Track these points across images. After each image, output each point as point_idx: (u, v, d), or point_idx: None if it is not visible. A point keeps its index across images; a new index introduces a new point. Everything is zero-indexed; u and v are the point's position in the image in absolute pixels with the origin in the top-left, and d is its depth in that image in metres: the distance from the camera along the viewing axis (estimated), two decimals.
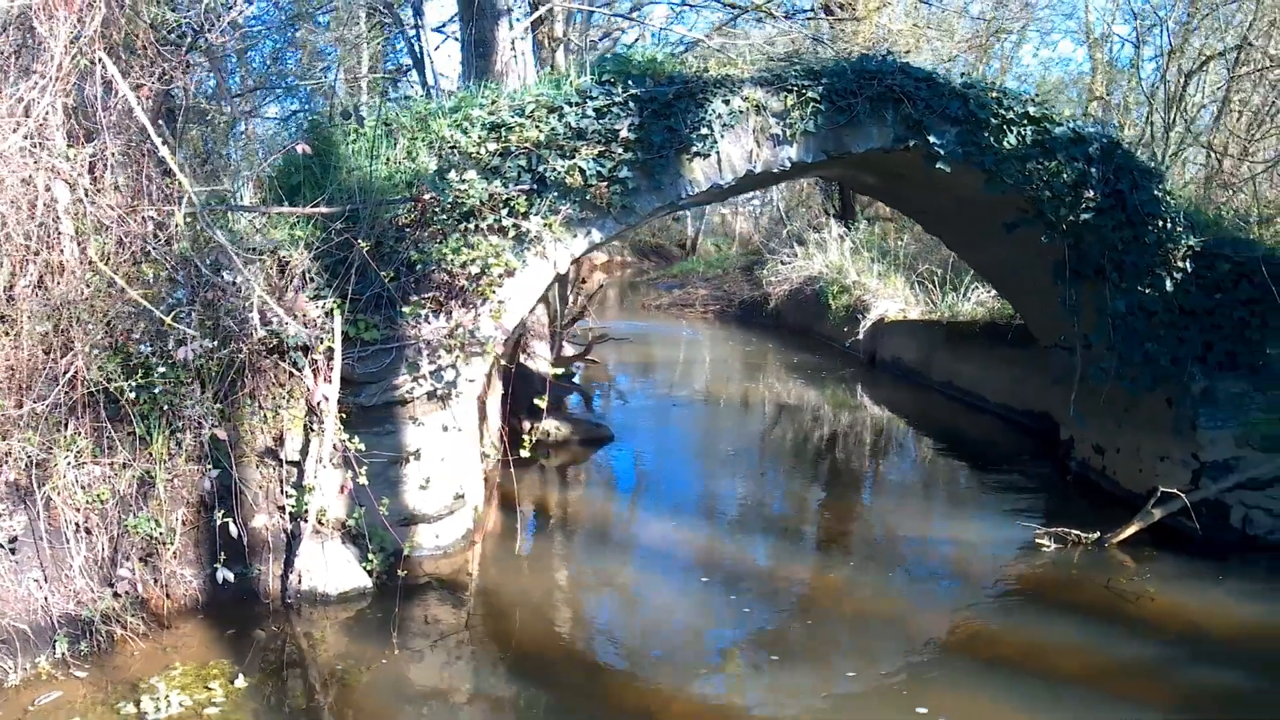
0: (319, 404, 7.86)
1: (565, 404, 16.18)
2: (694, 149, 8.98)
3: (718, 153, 9.07)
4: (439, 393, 8.39)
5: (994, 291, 18.05)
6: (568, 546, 9.69)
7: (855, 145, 9.31)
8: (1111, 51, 26.53)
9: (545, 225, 8.53)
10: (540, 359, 17.03)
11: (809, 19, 22.15)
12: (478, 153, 8.60)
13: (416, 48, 14.91)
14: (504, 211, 8.45)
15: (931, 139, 9.17)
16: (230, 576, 7.52)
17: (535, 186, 8.61)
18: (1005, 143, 9.33)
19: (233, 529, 7.61)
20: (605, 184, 8.68)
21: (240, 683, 6.53)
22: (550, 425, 12.82)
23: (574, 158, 8.63)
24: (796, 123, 9.15)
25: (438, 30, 19.92)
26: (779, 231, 32.60)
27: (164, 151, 6.93)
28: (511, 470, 10.04)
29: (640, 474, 12.48)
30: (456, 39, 14.07)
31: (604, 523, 10.48)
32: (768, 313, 26.71)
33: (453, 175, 8.29)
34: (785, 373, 20.17)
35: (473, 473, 8.93)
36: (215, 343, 7.52)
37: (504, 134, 8.71)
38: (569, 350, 19.03)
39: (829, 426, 15.52)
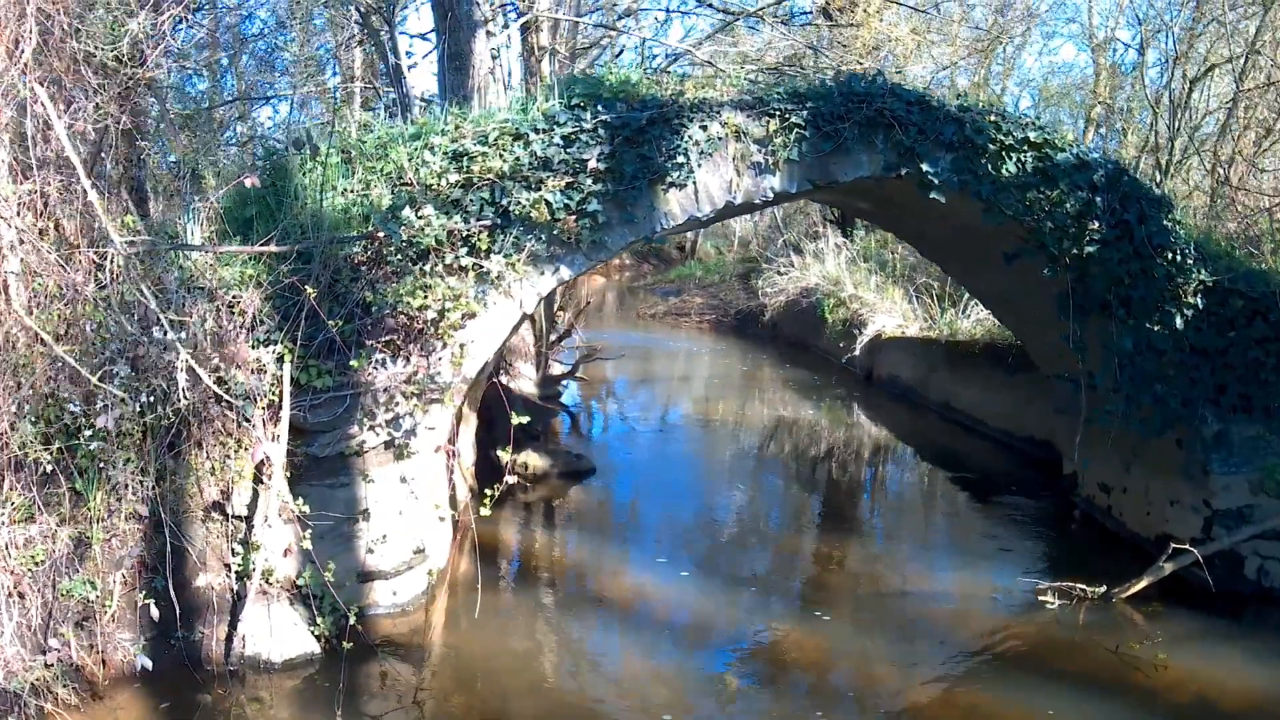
0: (264, 460, 7.30)
1: (554, 426, 15.64)
2: (669, 179, 8.41)
3: (695, 183, 8.50)
4: (396, 442, 7.82)
5: None
6: (535, 602, 9.01)
7: (843, 174, 8.74)
8: (1115, 55, 25.98)
9: (509, 264, 7.96)
10: (525, 379, 16.52)
11: (806, 25, 21.50)
12: (438, 184, 8.02)
13: (391, 61, 14.31)
14: (463, 250, 7.87)
15: (925, 167, 8.59)
16: (148, 664, 6.97)
17: (498, 221, 8.04)
18: (1004, 170, 8.76)
19: (161, 593, 7.07)
20: (573, 217, 8.11)
21: None
22: (529, 457, 12.24)
23: (540, 190, 8.06)
24: (780, 150, 8.58)
25: (423, 38, 19.37)
26: (776, 239, 32.02)
27: (90, 193, 6.37)
28: (476, 515, 9.47)
29: (619, 514, 11.85)
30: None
31: (576, 573, 9.87)
32: (764, 324, 26.16)
33: (407, 213, 7.70)
34: (781, 391, 19.60)
35: (435, 525, 8.36)
36: (143, 404, 6.95)
37: (466, 164, 8.13)
38: (556, 369, 18.51)
39: (823, 454, 14.94)
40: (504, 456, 12.39)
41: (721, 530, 11.19)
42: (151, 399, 6.94)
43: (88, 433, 6.79)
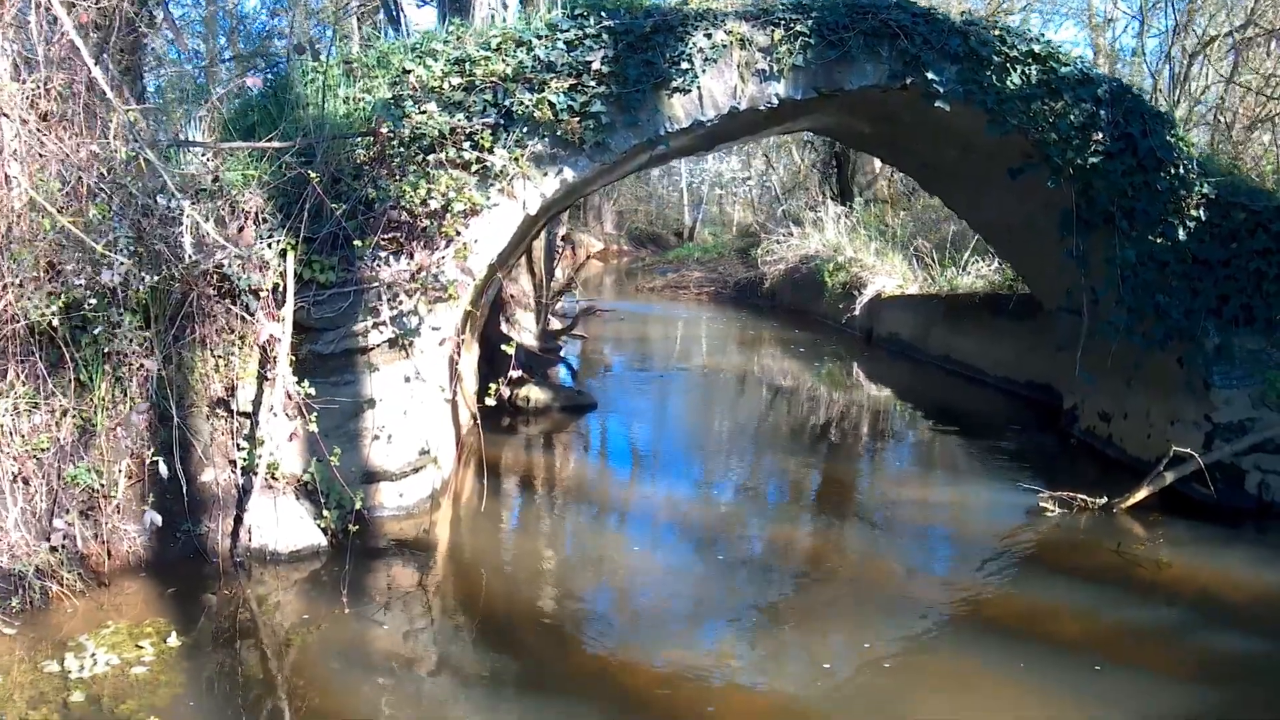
0: (267, 345, 7.31)
1: (554, 376, 15.65)
2: (673, 84, 8.43)
3: (699, 88, 8.52)
4: (401, 341, 7.83)
5: (995, 265, 17.65)
6: (540, 510, 9.13)
7: (849, 81, 8.75)
8: (1114, 33, 26.00)
9: (512, 159, 7.97)
10: (525, 331, 16.54)
11: None
12: (440, 87, 8.04)
13: (393, 4, 14.33)
14: (466, 144, 7.90)
15: (930, 76, 8.60)
16: (158, 520, 6.98)
17: (501, 121, 8.06)
18: (1009, 82, 8.76)
19: (164, 473, 7.08)
20: (577, 119, 8.13)
21: (173, 641, 5.98)
22: (531, 390, 12.27)
23: (543, 91, 8.08)
24: (785, 57, 8.59)
25: None
26: (775, 212, 32.06)
27: (98, 73, 6.36)
28: (483, 433, 9.48)
29: (622, 440, 11.95)
30: None
31: (580, 486, 9.93)
32: (763, 293, 26.18)
33: (409, 105, 7.73)
34: (779, 348, 19.62)
35: (441, 429, 8.37)
36: (147, 272, 6.95)
37: (468, 68, 8.14)
38: (556, 324, 18.53)
39: (822, 399, 14.97)
40: (514, 382, 12.72)
41: (725, 454, 11.27)
42: (155, 265, 6.93)
43: (93, 301, 6.78)
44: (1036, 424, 12.57)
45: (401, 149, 7.78)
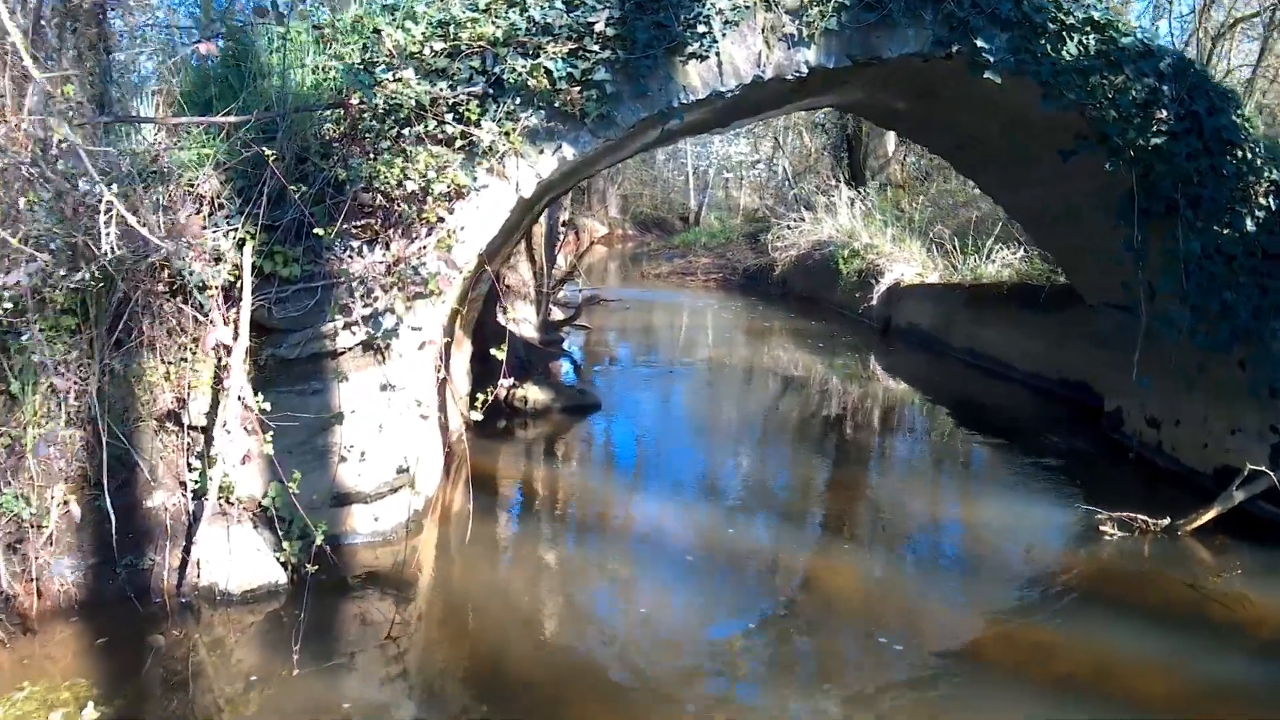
0: (217, 349, 6.38)
1: (555, 371, 14.71)
2: (689, 49, 7.46)
3: (718, 54, 7.53)
4: (376, 343, 6.88)
5: (1020, 253, 16.69)
6: (537, 535, 8.10)
7: (887, 49, 7.76)
8: (1133, 15, 24.97)
9: (502, 134, 6.99)
10: (525, 322, 15.59)
11: None
12: (420, 52, 7.06)
13: None
14: (449, 117, 6.92)
15: (980, 43, 7.59)
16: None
17: (490, 90, 7.09)
18: (1064, 52, 7.76)
19: (107, 514, 6.14)
20: (578, 88, 7.16)
21: (89, 715, 5.03)
22: (530, 390, 11.32)
23: (538, 57, 7.10)
24: (816, 20, 7.60)
25: None
26: (785, 196, 31.07)
27: (14, 34, 5.39)
28: (476, 439, 8.55)
29: (626, 446, 10.93)
30: None
31: (583, 506, 8.92)
32: (773, 280, 25.22)
33: (383, 73, 6.76)
34: (791, 340, 18.64)
35: (424, 443, 7.41)
36: (69, 269, 6.00)
37: (453, 31, 7.15)
38: (558, 314, 17.58)
39: (838, 396, 13.98)
40: (513, 379, 11.77)
41: (738, 464, 10.28)
42: (76, 261, 5.98)
43: (8, 305, 5.83)
44: (1072, 425, 11.61)
45: (375, 123, 6.80)
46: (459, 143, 6.93)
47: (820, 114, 28.65)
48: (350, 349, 6.85)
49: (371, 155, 6.75)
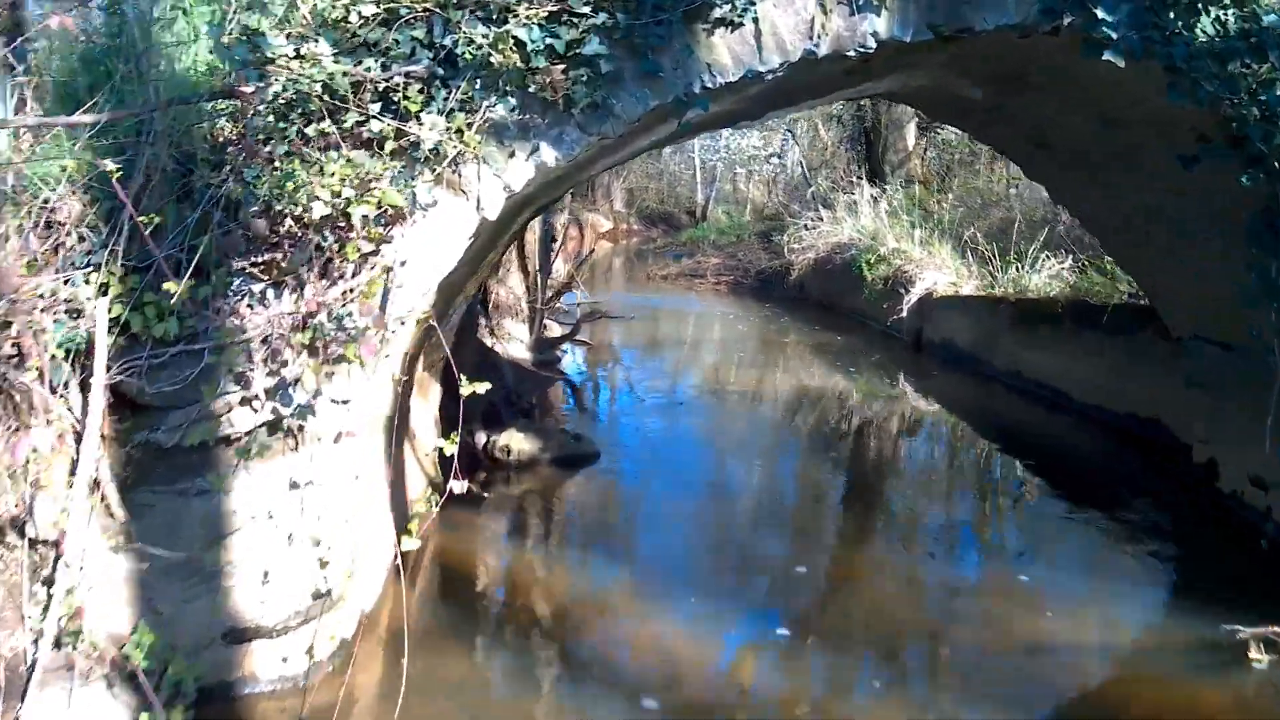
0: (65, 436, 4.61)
1: (552, 398, 12.93)
2: (716, 12, 5.63)
3: (756, 20, 5.71)
4: (286, 425, 5.08)
5: (1070, 261, 14.87)
6: (506, 664, 6.21)
7: (981, 19, 5.93)
8: None
9: (452, 131, 5.16)
10: (515, 341, 13.82)
11: None
12: (345, 19, 5.24)
13: None
14: (377, 108, 5.10)
15: (1100, 13, 5.71)
16: None
17: (438, 70, 5.27)
18: (1199, 29, 5.94)
19: None
20: (561, 66, 5.36)
21: None
22: (513, 439, 9.49)
23: (506, 22, 5.29)
24: None
25: None
26: (801, 194, 29.23)
27: None
28: (430, 504, 6.74)
29: (627, 518, 9.00)
30: None
31: (568, 608, 6.97)
32: (789, 284, 23.37)
33: (277, 41, 4.92)
34: (813, 357, 16.79)
35: (357, 546, 5.62)
36: None
37: None
38: (555, 329, 15.78)
39: (873, 435, 12.15)
40: (491, 422, 9.94)
41: (760, 548, 8.34)
42: None
43: None
44: (1151, 475, 9.87)
45: (270, 119, 4.97)
46: (392, 145, 5.08)
47: (837, 104, 26.86)
48: (250, 433, 5.05)
49: (273, 164, 4.93)
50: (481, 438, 9.45)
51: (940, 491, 10.02)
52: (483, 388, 4.75)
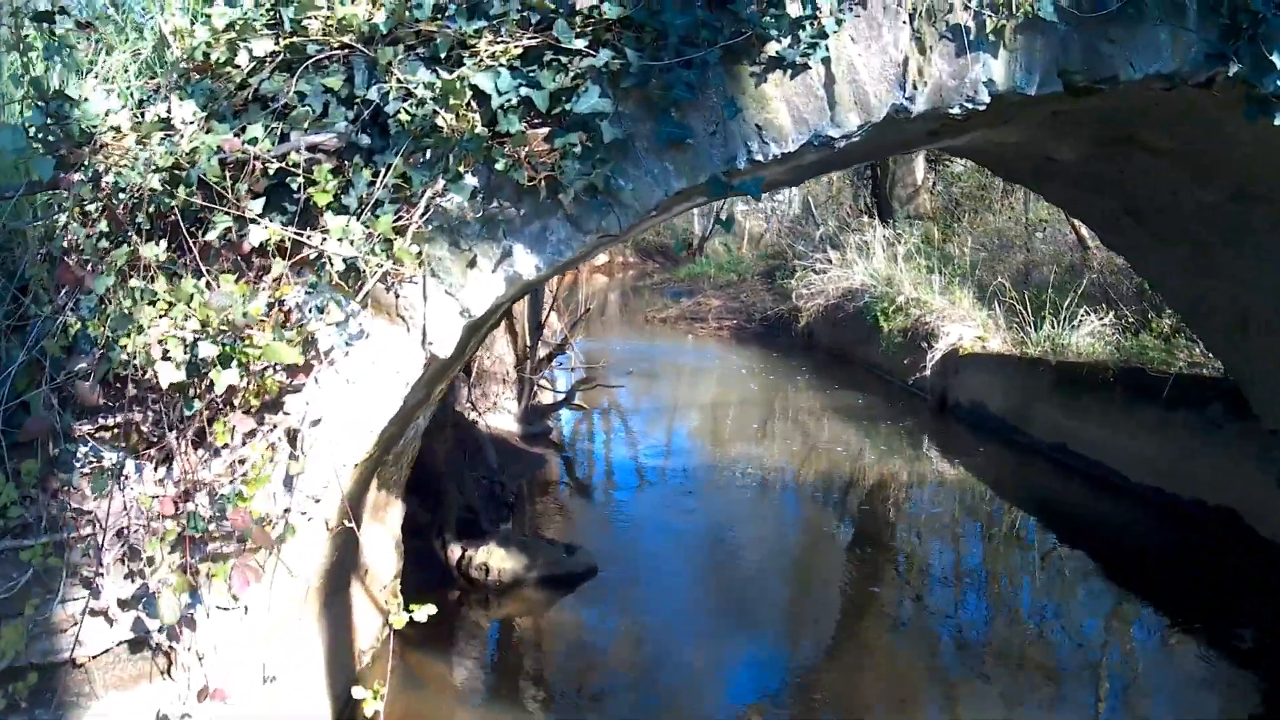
0: None
1: (544, 475, 11.50)
2: (769, 49, 4.15)
3: (827, 62, 4.23)
4: (154, 642, 3.62)
5: (1110, 318, 13.46)
6: None
7: (1128, 66, 4.49)
8: None
9: (376, 241, 3.66)
10: (504, 412, 12.39)
11: None
12: (228, 63, 3.77)
13: None
14: (258, 207, 3.63)
15: (1278, 62, 4.28)
16: None
17: (364, 140, 3.79)
18: None
19: None
20: (545, 131, 3.89)
21: None
22: (492, 554, 7.98)
23: (460, 64, 3.82)
24: (1013, 4, 4.29)
25: None
26: (807, 232, 27.86)
27: None
28: (388, 647, 5.25)
29: (626, 663, 7.20)
30: None
31: None
32: (797, 332, 21.93)
33: (92, 106, 3.45)
34: (834, 425, 15.26)
35: None
36: None
37: (290, 21, 3.88)
38: (547, 397, 14.31)
39: (909, 527, 10.64)
40: (467, 532, 8.44)
41: (784, 673, 6.82)
42: None
43: None
44: (1235, 579, 8.45)
45: (105, 226, 3.51)
46: (281, 265, 3.59)
47: None
48: (104, 653, 3.59)
49: (104, 299, 3.46)
50: (456, 551, 7.98)
51: (994, 592, 8.57)
52: (424, 614, 3.25)
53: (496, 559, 7.93)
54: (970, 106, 4.40)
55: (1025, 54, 4.42)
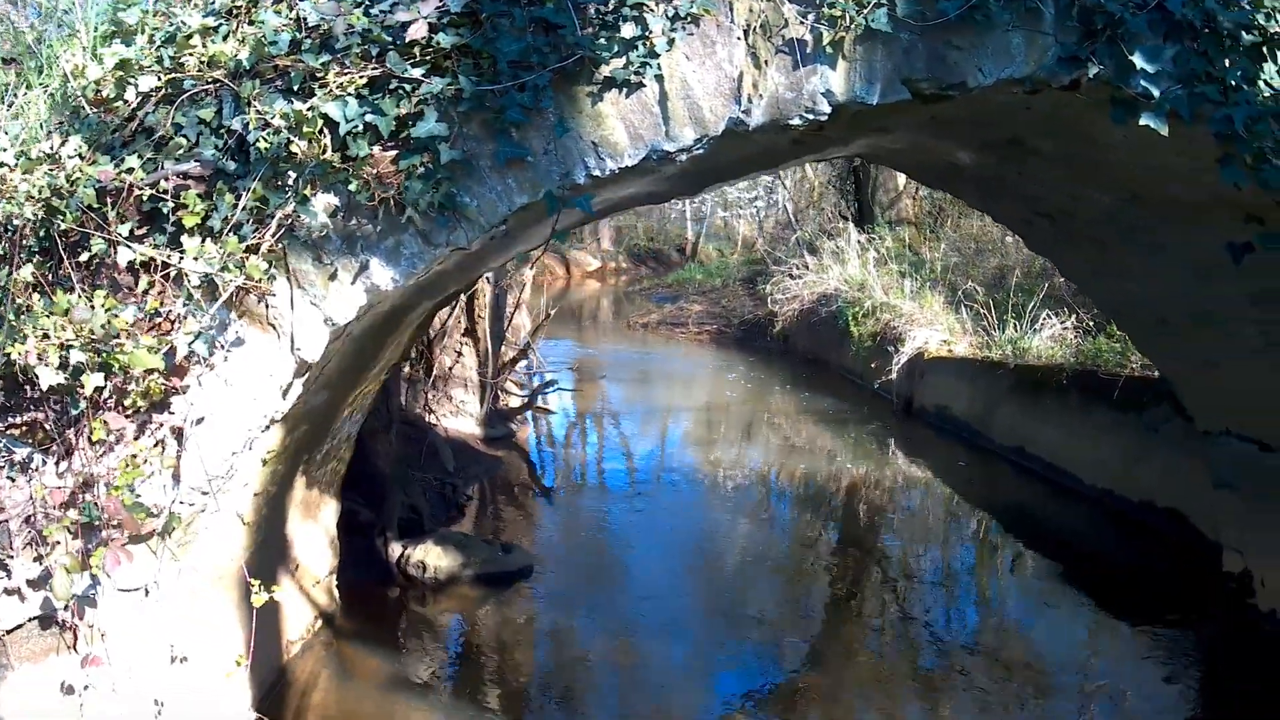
0: None
1: (507, 476, 11.68)
2: (602, 71, 4.37)
3: (660, 79, 4.43)
4: (59, 618, 3.83)
5: (1074, 320, 13.63)
6: None
7: (975, 71, 4.61)
8: None
9: (237, 256, 3.93)
10: (465, 416, 12.59)
11: None
12: (117, 99, 4.02)
13: None
14: (125, 230, 3.86)
15: (1139, 62, 4.42)
16: None
17: (230, 166, 4.04)
18: (1260, 80, 4.67)
19: None
20: (392, 152, 4.15)
21: None
22: (429, 553, 8.14)
23: (310, 94, 4.07)
24: (846, 19, 4.45)
25: None
26: (786, 237, 28.11)
27: None
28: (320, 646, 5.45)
29: (557, 654, 7.47)
30: None
31: None
32: (773, 335, 22.16)
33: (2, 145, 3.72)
34: (797, 425, 15.51)
35: None
36: None
37: (174, 54, 4.17)
38: (513, 400, 14.52)
39: (872, 532, 10.75)
40: (408, 529, 8.59)
41: (720, 688, 6.94)
42: None
43: None
44: (1176, 578, 8.70)
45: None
46: (146, 280, 3.84)
47: None
48: (18, 629, 3.80)
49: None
50: (396, 550, 8.18)
51: (955, 589, 8.83)
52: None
53: (433, 557, 8.12)
54: (810, 117, 4.54)
55: (865, 64, 4.55)
